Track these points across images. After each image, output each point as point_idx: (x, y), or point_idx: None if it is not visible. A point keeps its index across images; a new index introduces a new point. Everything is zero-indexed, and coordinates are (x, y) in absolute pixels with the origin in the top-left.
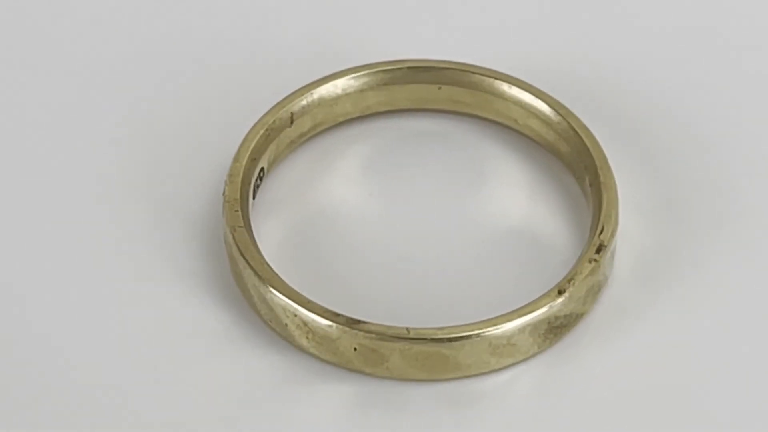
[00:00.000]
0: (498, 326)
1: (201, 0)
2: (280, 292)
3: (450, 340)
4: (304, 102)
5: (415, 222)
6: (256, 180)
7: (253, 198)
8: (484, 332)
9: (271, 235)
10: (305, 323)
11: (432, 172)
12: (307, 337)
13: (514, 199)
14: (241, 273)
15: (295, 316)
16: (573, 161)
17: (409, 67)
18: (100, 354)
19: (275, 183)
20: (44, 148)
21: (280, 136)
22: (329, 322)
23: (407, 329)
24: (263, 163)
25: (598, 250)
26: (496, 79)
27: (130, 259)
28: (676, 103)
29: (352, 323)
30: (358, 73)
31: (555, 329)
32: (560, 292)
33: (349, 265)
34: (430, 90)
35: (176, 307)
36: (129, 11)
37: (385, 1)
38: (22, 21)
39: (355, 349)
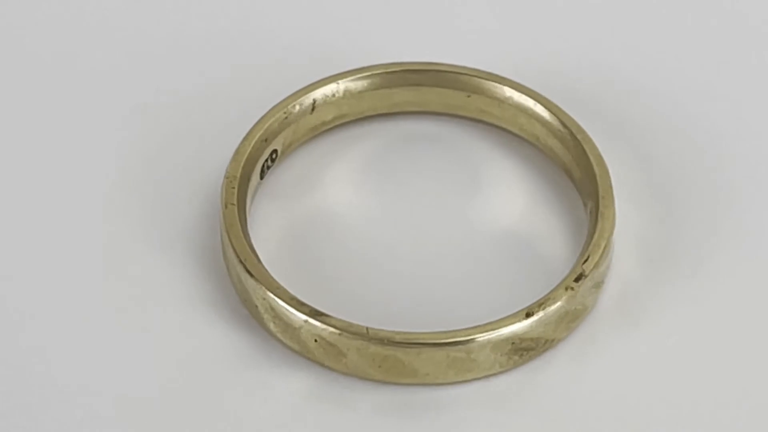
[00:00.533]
0: (457, 338)
1: None
2: (252, 274)
3: (406, 345)
4: (328, 91)
5: (414, 226)
6: (267, 161)
7: (261, 178)
8: (441, 342)
9: (271, 220)
10: (272, 308)
11: (443, 178)
12: (274, 322)
13: (518, 211)
14: (225, 250)
15: (264, 299)
16: (583, 185)
17: (439, 71)
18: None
19: (290, 167)
20: (47, 141)
21: (300, 122)
22: (294, 311)
23: (366, 328)
24: (277, 145)
25: (577, 279)
26: (523, 94)
27: (131, 238)
28: (695, 110)
29: (315, 315)
30: (387, 70)
31: (520, 351)
32: (528, 315)
33: (342, 262)
34: (459, 96)
35: (163, 281)
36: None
37: (423, 4)
38: (22, 21)
39: (315, 340)
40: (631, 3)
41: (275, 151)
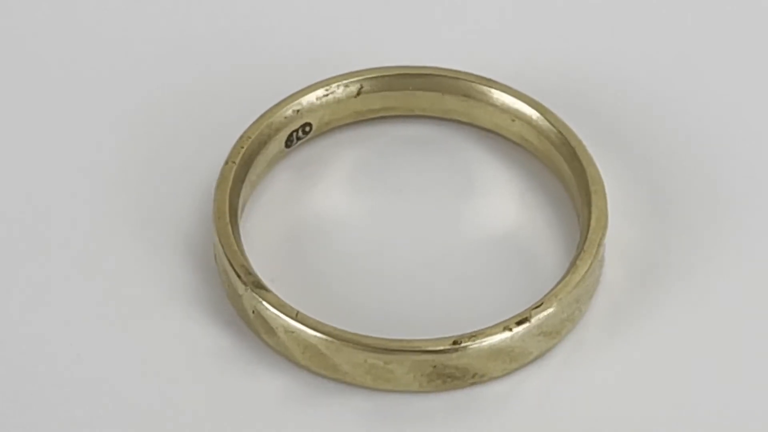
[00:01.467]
0: (374, 345)
1: None
2: (219, 236)
3: (327, 339)
4: (377, 82)
5: (404, 229)
6: (297, 131)
7: (287, 146)
8: (360, 344)
9: (280, 193)
10: (225, 272)
11: (440, 182)
12: (227, 286)
13: (514, 218)
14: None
15: (221, 259)
16: (582, 230)
17: (500, 88)
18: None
19: (324, 146)
20: (46, 138)
21: (342, 103)
22: (237, 278)
23: (297, 312)
24: (312, 119)
25: (519, 322)
26: (538, 112)
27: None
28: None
29: (256, 286)
30: (439, 74)
31: (443, 376)
32: (455, 343)
33: (330, 263)
34: (505, 120)
35: (156, 274)
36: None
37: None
38: (19, 20)
39: (252, 312)
40: (628, 5)
41: (309, 124)
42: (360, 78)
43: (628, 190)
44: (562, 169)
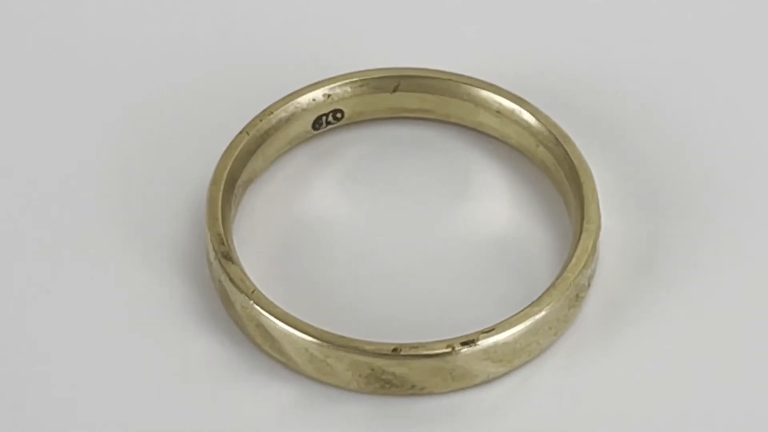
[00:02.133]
0: (316, 337)
1: None
2: (208, 201)
3: (274, 321)
4: (413, 81)
5: (395, 231)
6: (327, 116)
7: (314, 129)
8: (302, 331)
9: (290, 173)
10: (206, 245)
11: (434, 184)
12: (206, 253)
13: (507, 222)
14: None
15: (204, 227)
16: (564, 264)
17: (530, 109)
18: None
19: (349, 134)
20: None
21: (377, 97)
22: (211, 247)
23: (253, 290)
24: (345, 107)
25: (465, 343)
26: (571, 160)
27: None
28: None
29: (223, 257)
30: (473, 84)
31: (382, 381)
32: (394, 350)
33: (322, 265)
34: (530, 143)
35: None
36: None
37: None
38: (20, 20)
39: (219, 281)
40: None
41: (341, 111)
42: (397, 75)
43: (626, 193)
44: (568, 196)
